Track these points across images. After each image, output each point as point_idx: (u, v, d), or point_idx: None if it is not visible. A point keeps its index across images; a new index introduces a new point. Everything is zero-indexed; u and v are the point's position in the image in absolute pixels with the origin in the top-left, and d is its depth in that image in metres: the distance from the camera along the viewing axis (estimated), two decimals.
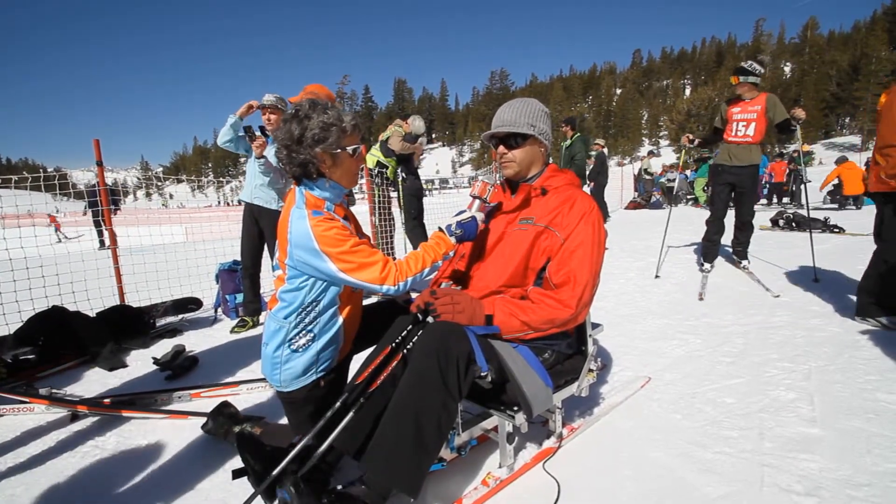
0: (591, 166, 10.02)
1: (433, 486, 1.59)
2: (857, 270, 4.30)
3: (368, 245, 1.58)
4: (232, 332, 3.60)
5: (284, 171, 1.61)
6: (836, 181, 10.43)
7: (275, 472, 1.31)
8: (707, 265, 4.60)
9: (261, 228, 3.59)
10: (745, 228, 4.54)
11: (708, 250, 4.66)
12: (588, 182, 9.86)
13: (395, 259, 1.60)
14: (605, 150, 10.44)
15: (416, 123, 5.35)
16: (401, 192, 5.47)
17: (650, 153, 18.58)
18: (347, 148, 1.59)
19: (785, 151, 14.55)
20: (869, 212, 9.13)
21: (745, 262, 4.64)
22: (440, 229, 1.67)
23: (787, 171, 12.75)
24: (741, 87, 4.20)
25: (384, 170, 5.40)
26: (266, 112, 3.41)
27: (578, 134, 7.26)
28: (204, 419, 2.06)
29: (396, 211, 5.82)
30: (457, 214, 1.68)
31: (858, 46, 63.83)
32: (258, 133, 3.33)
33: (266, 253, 3.69)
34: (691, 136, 4.80)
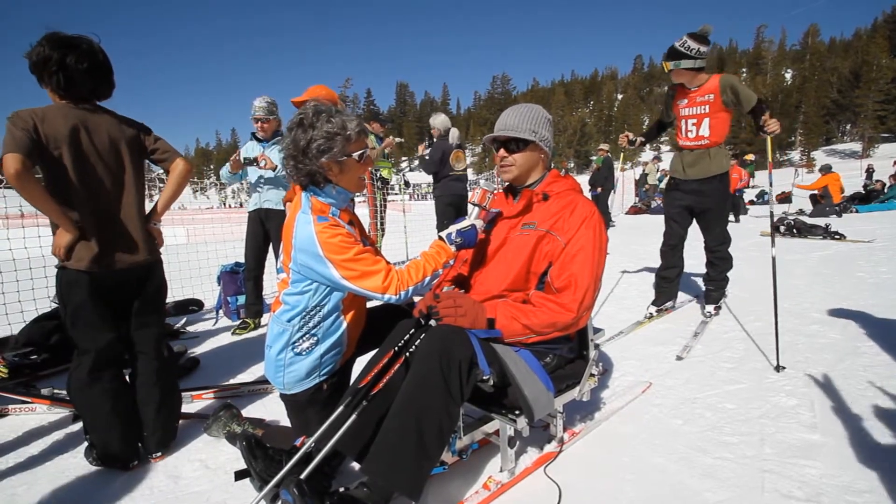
0: (597, 171, 10.02)
1: (434, 490, 1.60)
2: (858, 277, 4.32)
3: (372, 253, 1.59)
4: (234, 333, 3.61)
5: (291, 179, 1.62)
6: (815, 192, 10.60)
7: (279, 475, 1.32)
8: (652, 308, 3.51)
9: (266, 230, 3.62)
10: (717, 262, 3.42)
11: (659, 288, 3.56)
12: (591, 187, 9.88)
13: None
14: (611, 155, 10.44)
15: (440, 119, 5.15)
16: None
17: (655, 158, 18.55)
18: (353, 154, 1.59)
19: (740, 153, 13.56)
20: (865, 218, 9.15)
21: (709, 309, 3.43)
22: (440, 238, 1.68)
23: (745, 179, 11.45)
24: (677, 75, 3.12)
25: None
26: (258, 122, 3.50)
27: None
28: (206, 420, 2.06)
29: (389, 214, 5.86)
30: (456, 222, 1.69)
31: (859, 53, 64.02)
32: (258, 159, 3.39)
33: (270, 255, 3.71)
34: (631, 136, 3.71)
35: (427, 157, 5.09)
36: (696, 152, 3.22)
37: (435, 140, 5.17)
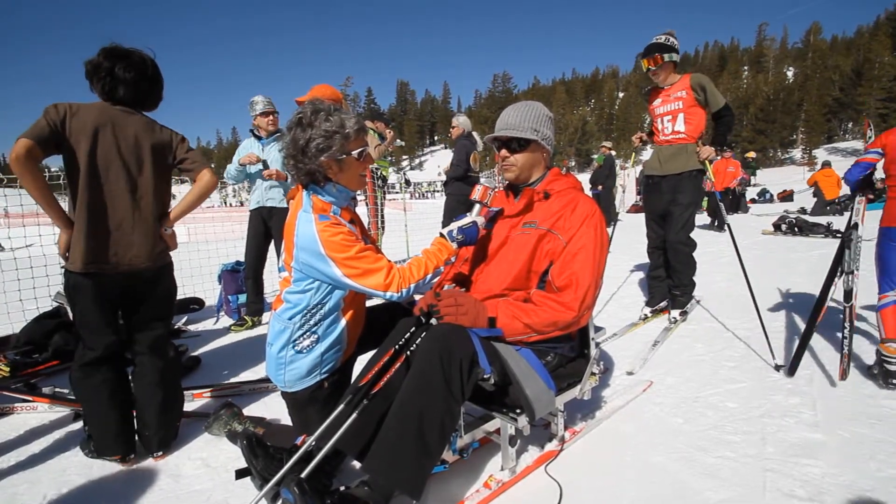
0: (598, 169, 10.00)
1: (435, 488, 1.60)
2: (859, 275, 4.30)
3: (374, 251, 1.59)
4: (231, 329, 3.63)
5: (292, 178, 1.62)
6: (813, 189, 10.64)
7: (279, 474, 1.32)
8: (647, 309, 3.50)
9: (268, 229, 3.65)
10: (679, 267, 3.29)
11: (651, 289, 3.60)
12: (592, 185, 9.87)
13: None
14: (613, 153, 10.41)
15: (463, 119, 5.14)
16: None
17: None
18: (353, 153, 1.59)
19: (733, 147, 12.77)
20: (867, 217, 9.06)
21: (674, 314, 3.28)
22: (441, 235, 1.67)
23: (740, 178, 10.57)
24: (664, 70, 3.17)
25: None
26: (265, 117, 3.55)
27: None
28: (207, 419, 2.07)
29: (390, 212, 5.83)
30: (458, 219, 1.69)
31: (861, 51, 63.76)
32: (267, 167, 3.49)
33: (270, 254, 3.73)
34: (644, 137, 3.66)
35: (456, 165, 5.03)
36: (674, 146, 3.25)
37: (456, 139, 5.15)
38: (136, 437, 1.92)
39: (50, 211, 1.70)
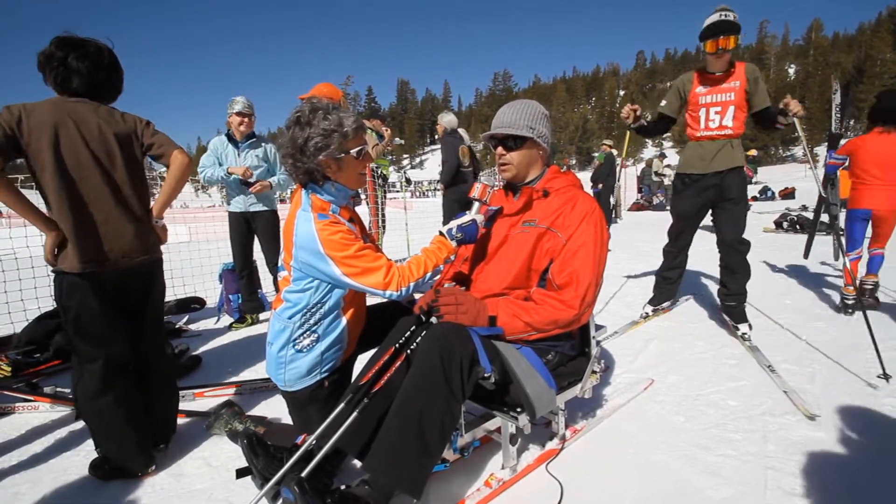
0: (599, 167, 9.98)
1: (436, 487, 1.60)
2: (861, 273, 4.29)
3: (373, 249, 1.59)
4: (231, 328, 3.65)
5: (291, 177, 1.61)
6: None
7: (280, 473, 1.32)
8: (648, 307, 3.37)
9: (253, 231, 3.68)
10: (737, 269, 2.91)
11: (659, 288, 3.36)
12: (593, 184, 9.86)
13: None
14: (615, 152, 10.38)
15: (448, 118, 5.12)
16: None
17: (661, 155, 18.45)
18: (351, 151, 1.59)
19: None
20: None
21: (743, 330, 2.86)
22: (441, 233, 1.67)
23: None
24: (724, 53, 2.72)
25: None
26: (239, 117, 3.50)
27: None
28: (208, 418, 2.07)
29: (390, 211, 5.84)
30: (457, 217, 1.68)
31: (863, 48, 63.57)
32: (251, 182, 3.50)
33: (258, 253, 3.78)
34: (639, 112, 3.12)
35: (446, 161, 5.02)
36: (718, 142, 2.89)
37: (442, 138, 5.14)
38: None
39: (28, 215, 1.63)
